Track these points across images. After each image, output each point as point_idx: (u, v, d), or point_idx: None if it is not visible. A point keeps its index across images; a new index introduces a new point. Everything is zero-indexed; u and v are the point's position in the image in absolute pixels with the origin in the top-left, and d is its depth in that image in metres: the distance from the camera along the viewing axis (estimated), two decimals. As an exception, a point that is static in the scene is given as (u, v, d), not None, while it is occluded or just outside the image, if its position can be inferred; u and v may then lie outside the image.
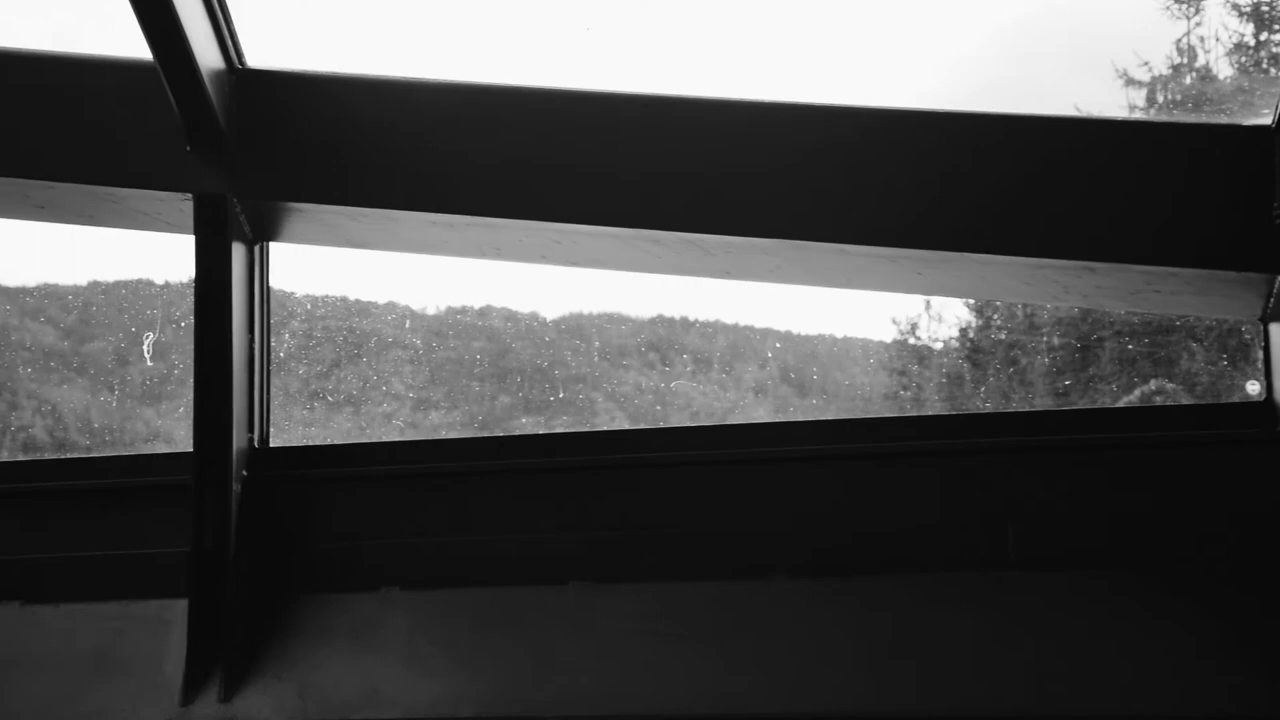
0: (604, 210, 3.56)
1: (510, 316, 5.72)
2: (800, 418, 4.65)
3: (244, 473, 3.75)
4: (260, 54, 3.70)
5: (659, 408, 5.60)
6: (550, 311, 5.67)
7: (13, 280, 5.16)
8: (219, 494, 3.67)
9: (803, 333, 5.71)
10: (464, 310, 5.66)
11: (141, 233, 4.21)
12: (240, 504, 3.71)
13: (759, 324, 5.79)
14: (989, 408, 5.64)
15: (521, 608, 3.64)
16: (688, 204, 3.53)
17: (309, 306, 5.01)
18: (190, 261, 3.70)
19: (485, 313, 5.70)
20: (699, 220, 3.54)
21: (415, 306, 5.58)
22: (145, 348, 4.38)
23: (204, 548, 3.65)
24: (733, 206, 3.53)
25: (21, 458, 5.14)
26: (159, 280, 5.18)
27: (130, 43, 3.69)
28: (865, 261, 3.58)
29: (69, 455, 4.91)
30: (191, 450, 3.71)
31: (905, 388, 5.82)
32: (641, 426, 5.11)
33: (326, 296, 5.26)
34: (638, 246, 3.68)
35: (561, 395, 5.40)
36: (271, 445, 3.85)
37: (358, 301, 5.48)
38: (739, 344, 5.77)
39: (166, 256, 4.92)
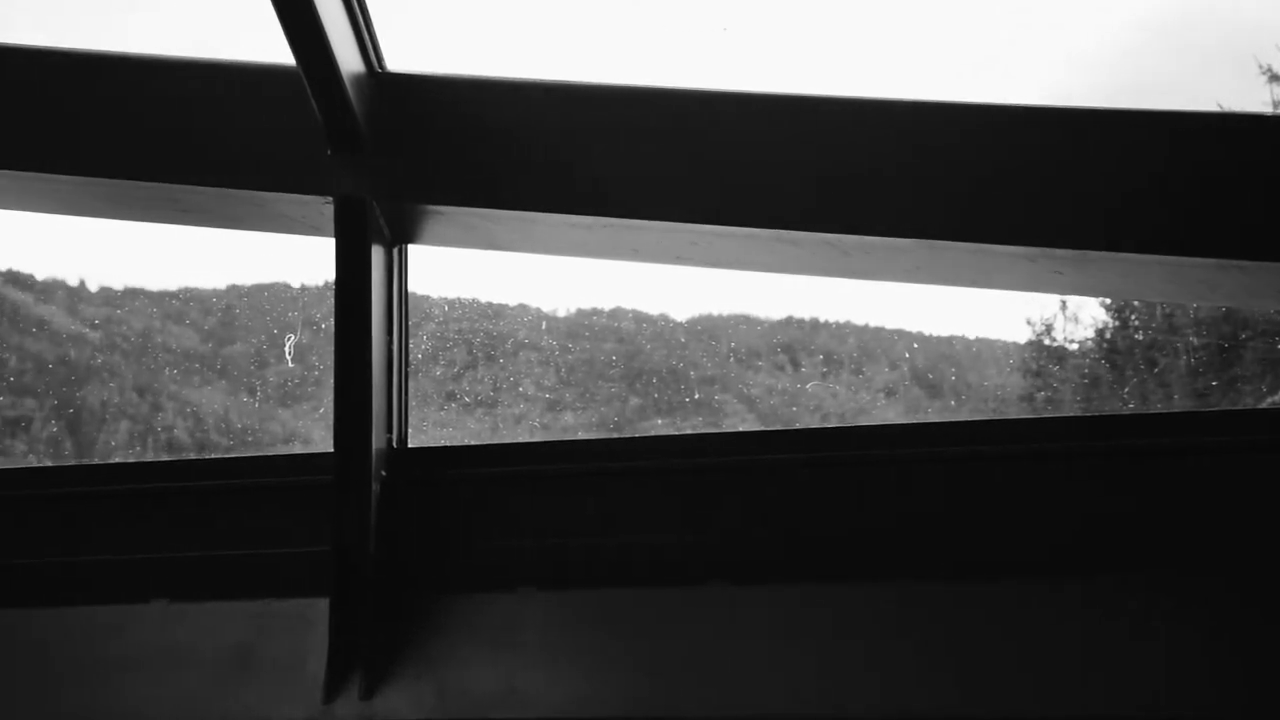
0: (742, 211, 3.55)
1: (640, 318, 5.72)
2: (933, 419, 4.60)
3: (383, 473, 3.78)
4: (400, 57, 3.75)
5: (790, 409, 5.57)
6: (680, 313, 5.67)
7: (155, 284, 5.26)
8: (359, 494, 3.70)
9: (935, 334, 5.66)
10: (594, 312, 5.67)
11: (277, 236, 4.27)
12: (379, 504, 3.75)
13: (890, 325, 5.75)
14: (1132, 409, 5.55)
15: (659, 608, 3.64)
16: (826, 204, 3.51)
17: (442, 309, 5.05)
18: (326, 264, 3.73)
19: (616, 314, 5.70)
20: (837, 221, 3.51)
21: (546, 309, 5.60)
22: (286, 349, 4.44)
23: (344, 547, 3.68)
24: (871, 206, 3.50)
25: (165, 458, 5.23)
26: (295, 283, 5.25)
27: (271, 48, 3.77)
28: (1004, 261, 3.54)
29: (210, 455, 4.99)
30: (330, 450, 3.76)
31: (1041, 389, 5.74)
32: (773, 428, 5.09)
33: (459, 299, 5.29)
34: (775, 248, 3.66)
35: (692, 397, 5.39)
36: (410, 446, 3.89)
37: (490, 304, 5.51)
38: (870, 345, 5.73)
39: (302, 259, 4.99)
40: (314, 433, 5.24)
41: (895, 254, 3.59)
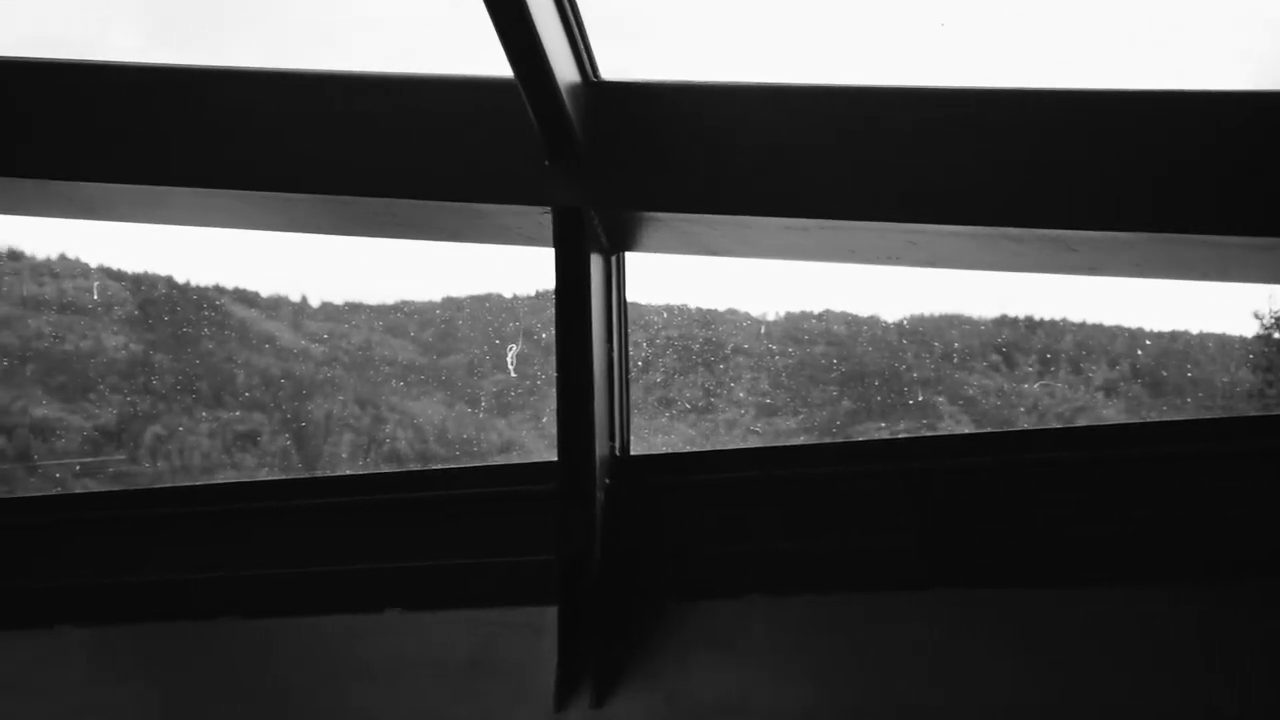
0: (962, 209, 3.49)
1: (850, 320, 5.66)
2: (1154, 418, 4.49)
3: (606, 480, 3.80)
4: (613, 65, 3.76)
5: (1007, 410, 5.46)
6: (891, 314, 5.59)
7: (374, 298, 5.36)
8: (583, 502, 3.73)
9: (1155, 329, 5.49)
10: (804, 315, 5.63)
11: (489, 248, 4.33)
12: (604, 511, 3.77)
13: (1108, 321, 5.60)
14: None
15: (885, 613, 3.60)
16: (1050, 199, 3.43)
17: (654, 316, 5.07)
18: (538, 274, 3.78)
19: (825, 317, 5.65)
20: (1062, 216, 3.43)
21: (756, 313, 5.57)
22: (509, 359, 4.49)
23: (571, 555, 3.71)
24: (1097, 200, 3.41)
25: (387, 469, 5.33)
26: (508, 294, 5.31)
27: (487, 62, 3.82)
28: (1238, 252, 3.42)
29: (433, 466, 5.07)
30: (553, 459, 3.79)
31: (1272, 384, 5.54)
32: (988, 430, 5.00)
33: (669, 305, 5.30)
34: (996, 245, 3.59)
35: (906, 399, 5.32)
36: (632, 453, 3.90)
37: (699, 310, 5.50)
38: (1087, 343, 5.58)
39: (514, 270, 5.04)
40: (530, 442, 5.29)
41: (1122, 249, 3.49)
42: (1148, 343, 5.37)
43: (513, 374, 4.53)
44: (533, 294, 5.15)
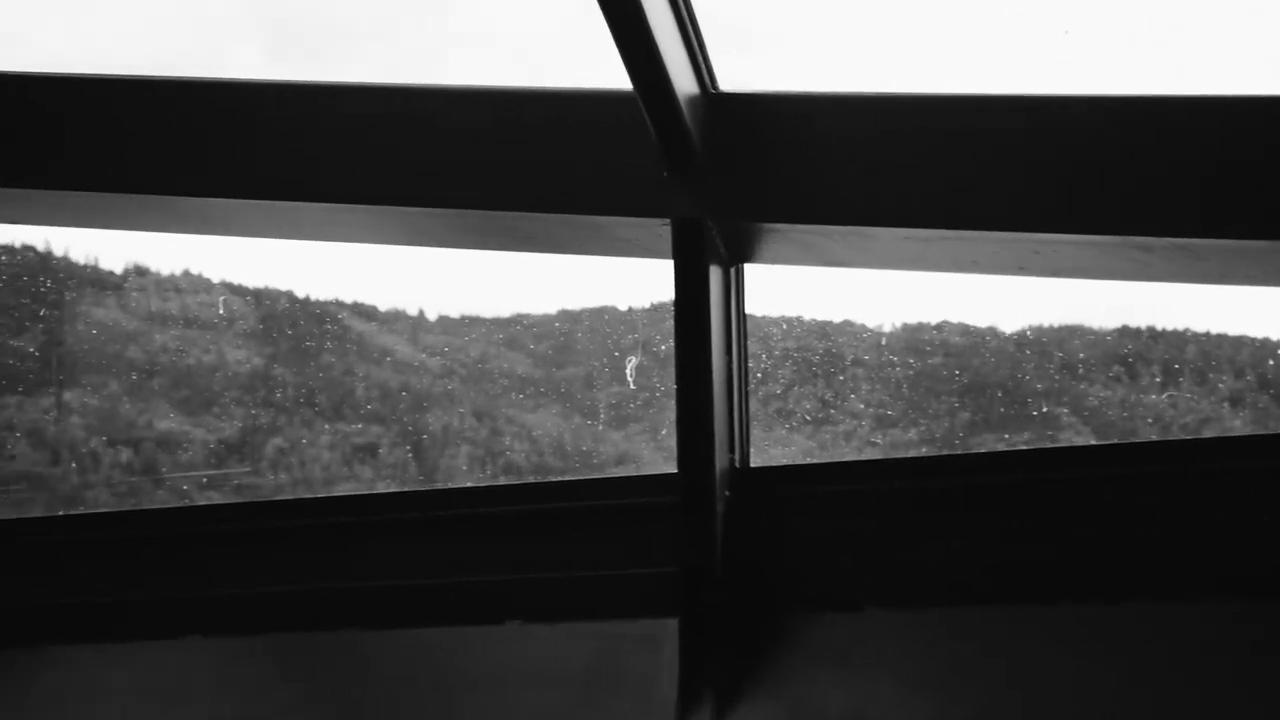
0: (1090, 218, 3.44)
1: (966, 331, 5.60)
2: (1282, 430, 4.41)
3: (726, 493, 3.79)
4: (732, 77, 3.75)
5: (1128, 421, 5.38)
6: (1009, 325, 5.52)
7: (490, 312, 5.39)
8: (703, 514, 3.72)
9: (1283, 339, 5.37)
10: (920, 326, 5.58)
11: (604, 261, 4.34)
12: (724, 523, 3.75)
13: (1232, 331, 5.49)
14: None
15: (1007, 627, 3.55)
16: (1181, 207, 3.37)
17: (772, 328, 5.05)
18: (653, 286, 3.77)
19: (941, 328, 5.60)
20: (1193, 224, 3.37)
21: (871, 324, 5.53)
22: (628, 371, 4.50)
23: (691, 567, 3.70)
24: (1230, 207, 3.35)
25: (503, 480, 5.35)
26: (623, 306, 5.31)
27: (601, 73, 3.83)
28: (1376, 258, 3.35)
29: (549, 479, 5.08)
30: (671, 472, 3.79)
31: None
32: (1109, 441, 4.93)
33: (783, 317, 5.28)
34: (1124, 254, 3.54)
35: (1025, 411, 5.25)
36: (751, 465, 3.89)
37: (814, 321, 5.47)
38: (1212, 353, 5.48)
39: (630, 282, 5.05)
40: (647, 454, 5.29)
41: (1258, 256, 3.42)
42: (1269, 352, 5.26)
43: (632, 386, 4.53)
44: (648, 306, 5.15)
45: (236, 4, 4.33)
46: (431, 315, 5.48)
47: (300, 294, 5.32)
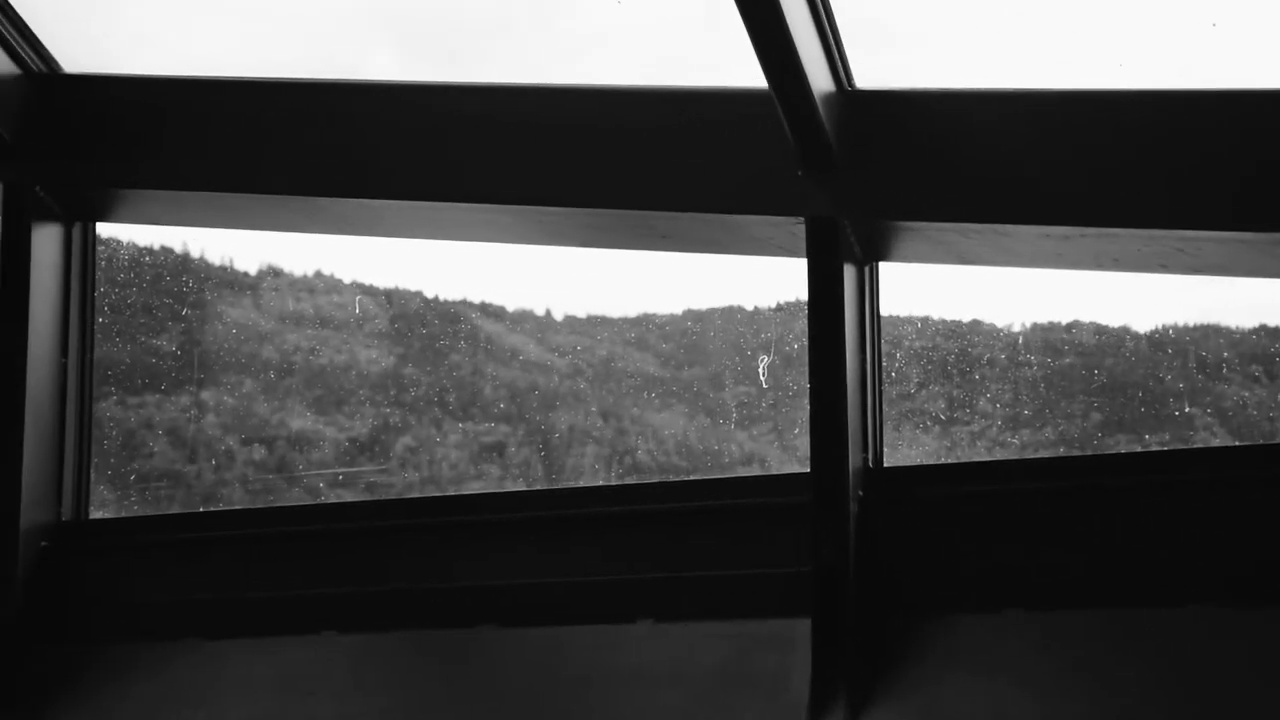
0: (1237, 214, 3.37)
1: (1099, 331, 5.51)
2: None
3: (859, 492, 3.76)
4: (867, 74, 3.72)
5: (1266, 422, 5.26)
6: (1142, 324, 5.43)
7: (616, 311, 5.39)
8: (837, 514, 3.70)
9: None
10: (1050, 326, 5.50)
11: (730, 260, 4.33)
12: (857, 523, 3.73)
13: (1378, 329, 5.34)
14: None
15: (1145, 629, 3.50)
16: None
17: (903, 327, 5.00)
18: (779, 286, 3.75)
19: (1073, 328, 5.52)
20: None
21: (1002, 324, 5.47)
22: (760, 370, 4.48)
23: (824, 567, 3.68)
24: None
25: (629, 480, 5.35)
26: (749, 306, 5.29)
27: (735, 72, 3.82)
28: None
29: (673, 478, 5.08)
30: (799, 472, 3.78)
31: None
32: (1248, 443, 4.83)
33: (912, 316, 5.23)
34: (1269, 251, 3.47)
35: (1159, 411, 5.16)
36: (885, 465, 3.86)
37: (943, 321, 5.42)
38: (1354, 352, 5.34)
39: (757, 282, 5.03)
40: (773, 454, 5.26)
41: None
42: None
43: (764, 385, 4.52)
44: (775, 306, 5.12)
45: (372, 8, 4.37)
46: (559, 315, 5.49)
47: (430, 294, 5.36)
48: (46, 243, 4.25)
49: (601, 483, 5.01)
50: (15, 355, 4.16)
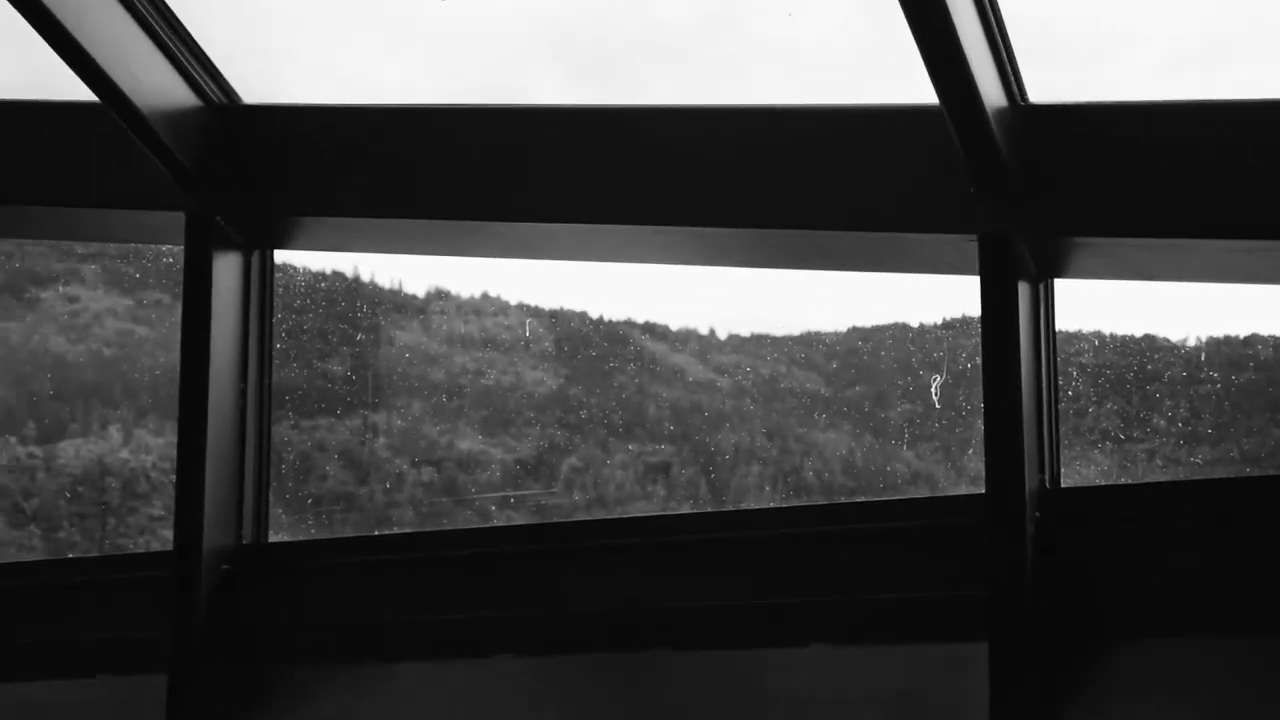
0: None
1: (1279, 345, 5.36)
2: None
3: (1036, 513, 3.69)
4: (1040, 88, 3.66)
5: None
6: (1323, 338, 5.27)
7: (780, 330, 5.37)
8: (1014, 535, 3.63)
9: None
10: (1227, 340, 5.37)
11: (894, 278, 4.28)
12: (1035, 545, 3.65)
13: None
14: None
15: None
16: None
17: (1073, 344, 4.91)
18: (946, 303, 3.70)
19: (1250, 342, 5.37)
20: None
21: (1175, 339, 5.35)
22: (933, 389, 4.43)
23: (1000, 591, 3.61)
24: None
25: (794, 501, 5.33)
26: (914, 323, 5.24)
27: (900, 89, 3.78)
28: None
29: (850, 499, 5.04)
30: (970, 493, 3.72)
31: None
32: None
33: (1079, 332, 5.13)
34: None
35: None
36: (1063, 485, 3.78)
37: (1115, 336, 5.31)
38: None
39: (922, 300, 4.98)
40: (941, 474, 5.19)
41: None
42: None
43: (937, 404, 4.46)
44: (940, 323, 5.06)
45: (535, 34, 4.41)
46: (722, 334, 5.48)
47: (595, 315, 5.39)
48: (227, 270, 4.34)
49: (771, 505, 4.99)
50: (198, 381, 4.25)
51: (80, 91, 3.92)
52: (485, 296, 5.49)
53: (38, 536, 6.56)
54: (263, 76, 4.27)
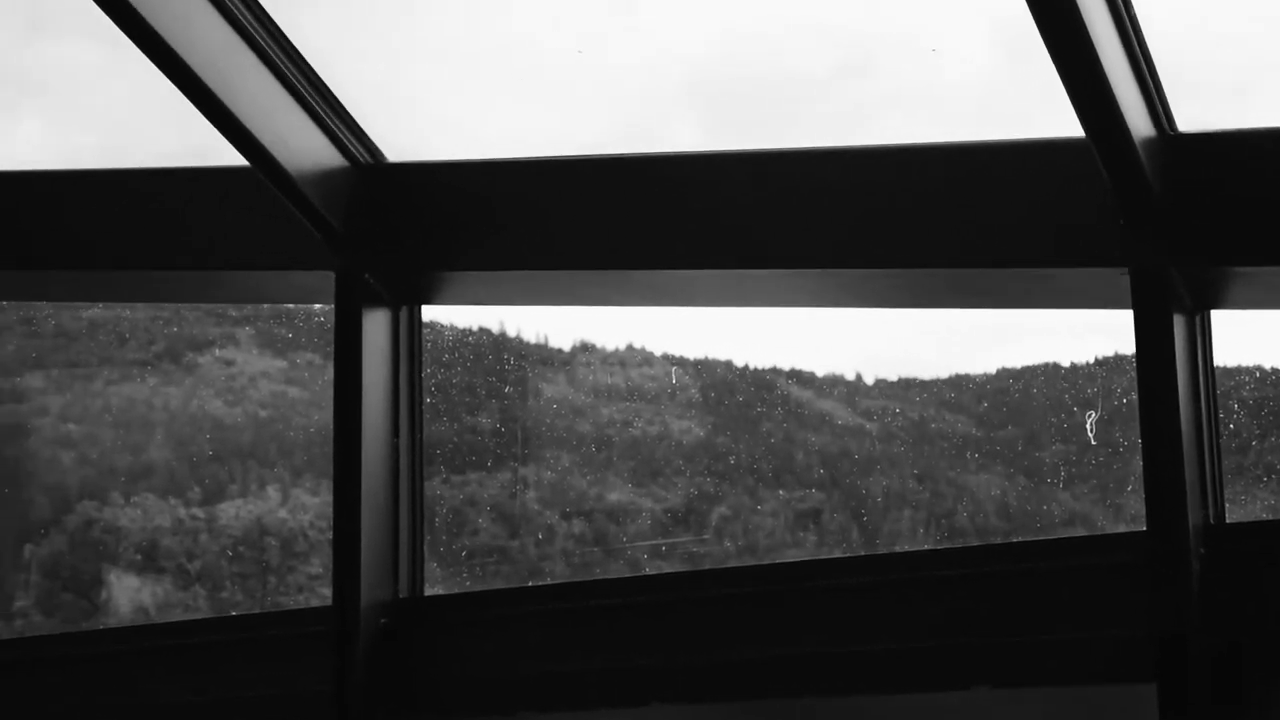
0: None
1: None
2: None
3: (1201, 550, 3.59)
4: (1186, 116, 3.60)
5: None
6: None
7: (927, 373, 5.34)
8: (1178, 574, 3.53)
9: None
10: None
11: (1043, 317, 4.22)
12: (1201, 584, 3.56)
13: None
14: None
15: None
16: None
17: (1231, 377, 4.80)
18: (1097, 341, 3.63)
19: None
20: None
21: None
22: (1088, 426, 4.36)
23: (1167, 631, 3.52)
24: None
25: (947, 544, 5.27)
26: (1065, 362, 5.16)
27: (1038, 122, 3.74)
28: None
29: (1005, 540, 4.97)
30: (1129, 531, 3.63)
31: None
32: None
33: (1239, 366, 5.02)
34: None
35: None
36: (1228, 521, 3.68)
37: (1274, 370, 5.19)
38: None
39: (1071, 338, 4.90)
40: (1097, 513, 5.10)
41: None
42: None
43: (1093, 442, 4.38)
44: (1091, 361, 4.99)
45: (672, 84, 4.44)
46: (869, 379, 5.46)
47: (739, 363, 5.40)
48: (376, 327, 4.40)
49: (909, 548, 4.93)
50: (352, 437, 4.30)
51: (231, 157, 4.00)
52: (630, 348, 5.53)
53: (203, 597, 6.71)
54: (405, 134, 4.35)
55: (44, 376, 6.94)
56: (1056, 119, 3.54)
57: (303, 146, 4.10)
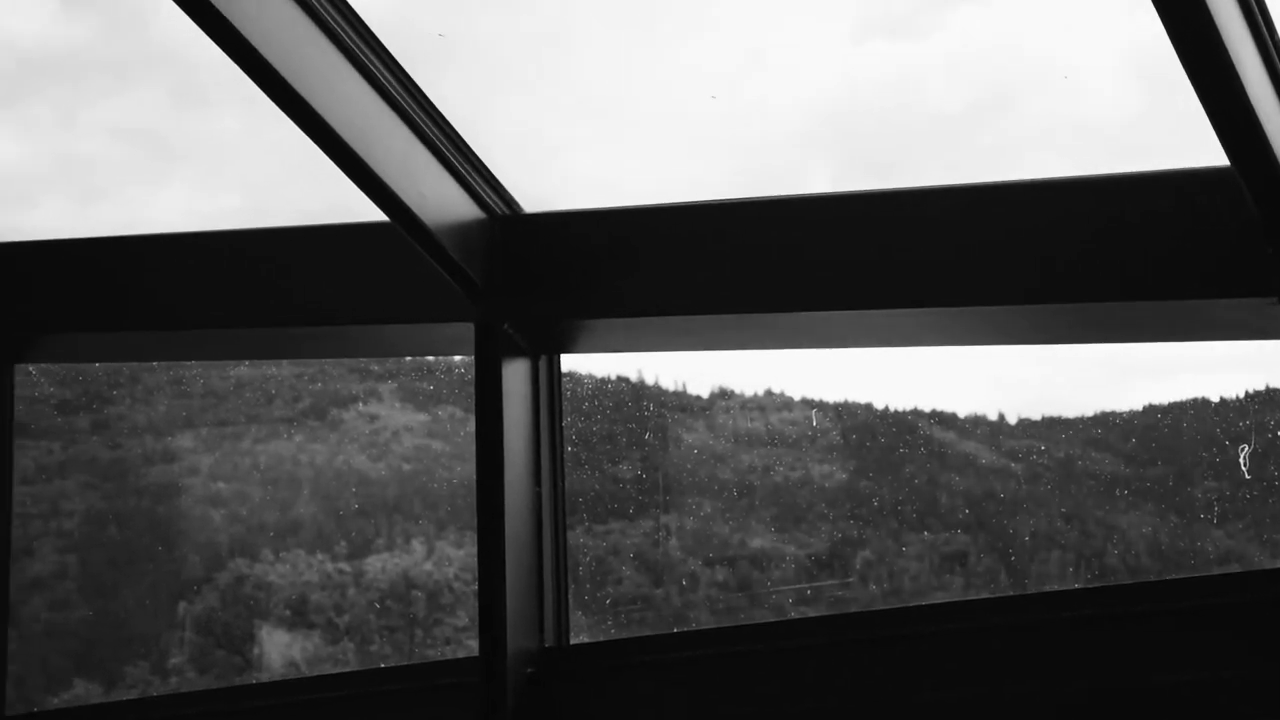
0: None
1: None
2: None
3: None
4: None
5: None
6: None
7: (1071, 412, 5.26)
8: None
9: None
10: None
11: (1189, 351, 4.14)
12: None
13: None
14: None
15: None
16: None
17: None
18: (1246, 374, 3.56)
19: None
20: None
21: None
22: (1241, 459, 4.26)
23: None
24: None
25: (1097, 584, 5.18)
26: (1214, 398, 5.07)
27: (1175, 152, 3.69)
28: None
29: (1155, 578, 4.87)
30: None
31: None
32: None
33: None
34: None
35: None
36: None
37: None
38: None
39: (1218, 372, 4.82)
40: (1252, 551, 4.98)
41: None
42: None
43: (1246, 476, 4.28)
44: (1242, 395, 4.88)
45: (805, 124, 4.46)
46: (1012, 419, 5.39)
47: (880, 405, 5.36)
48: (516, 377, 4.43)
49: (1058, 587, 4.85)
50: (494, 488, 4.33)
51: (370, 213, 4.07)
52: (768, 393, 5.52)
53: (351, 651, 6.79)
54: (539, 184, 4.40)
55: (194, 436, 7.10)
56: (1195, 150, 3.50)
57: (440, 200, 4.15)
